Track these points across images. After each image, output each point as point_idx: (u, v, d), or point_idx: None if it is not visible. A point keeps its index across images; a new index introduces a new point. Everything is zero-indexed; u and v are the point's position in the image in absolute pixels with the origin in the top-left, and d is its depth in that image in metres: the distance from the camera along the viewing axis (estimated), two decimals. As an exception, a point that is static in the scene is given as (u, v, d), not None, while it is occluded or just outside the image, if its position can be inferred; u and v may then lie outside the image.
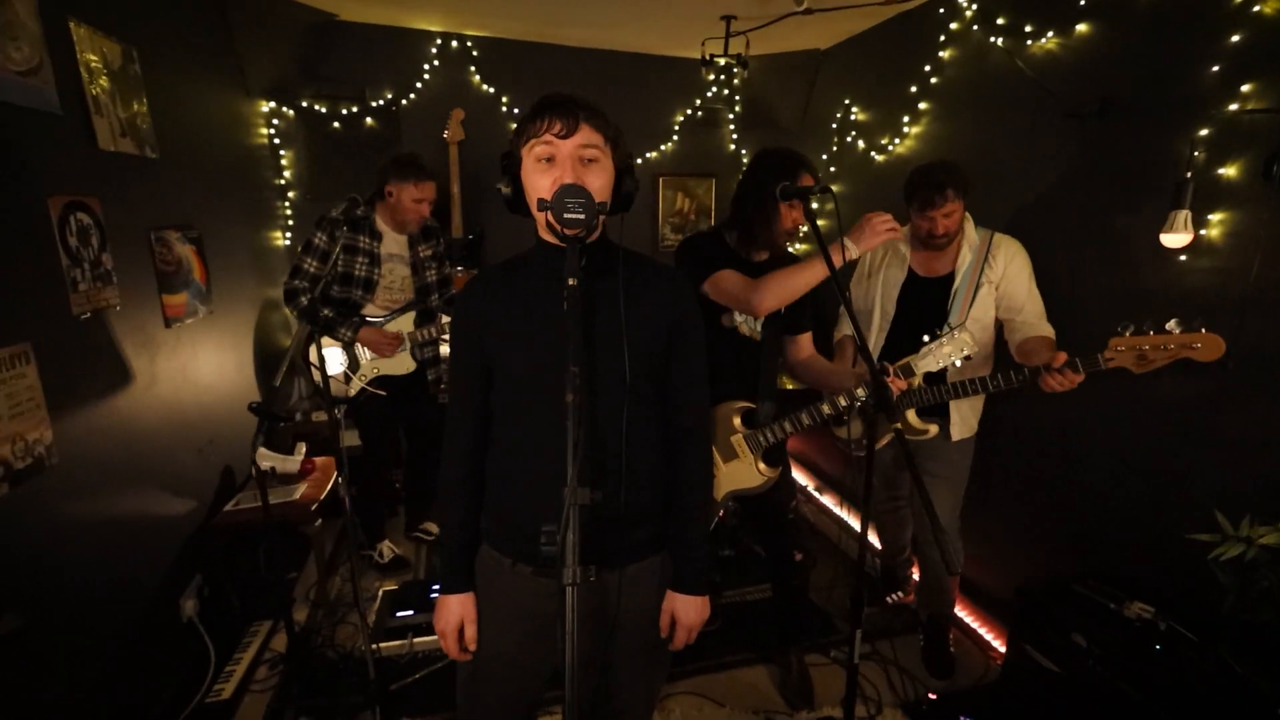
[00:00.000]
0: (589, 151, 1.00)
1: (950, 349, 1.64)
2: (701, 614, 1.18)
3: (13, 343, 1.45)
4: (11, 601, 1.41)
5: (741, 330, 1.88)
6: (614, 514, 1.08)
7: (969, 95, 2.55)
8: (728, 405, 1.86)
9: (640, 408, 1.10)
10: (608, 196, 1.04)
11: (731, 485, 1.89)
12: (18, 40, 1.51)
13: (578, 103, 1.02)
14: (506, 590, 1.15)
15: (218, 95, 2.71)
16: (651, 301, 1.11)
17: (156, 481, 2.04)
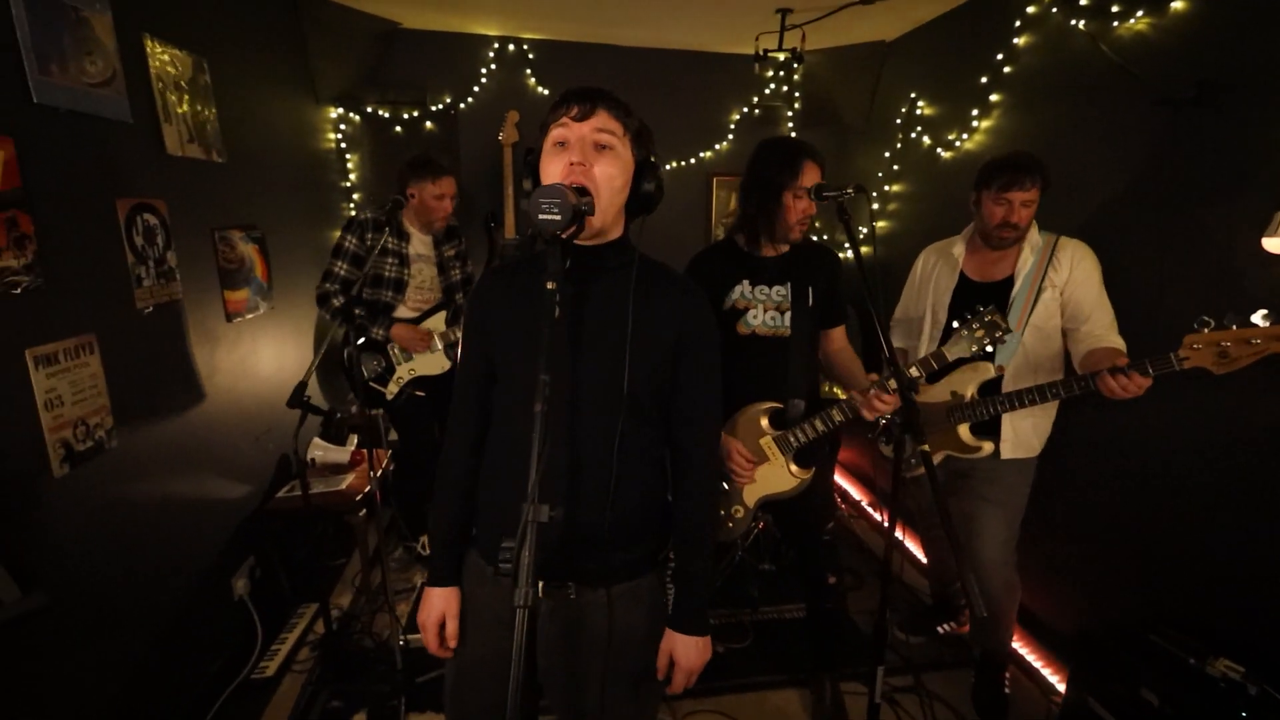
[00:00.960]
0: (603, 137, 0.97)
1: (983, 332, 1.53)
2: (703, 656, 1.09)
3: (78, 334, 1.56)
4: (66, 574, 1.53)
5: (761, 333, 1.80)
6: (600, 531, 1.03)
7: (1045, 85, 2.33)
8: (754, 407, 1.79)
9: (637, 421, 1.05)
10: (616, 190, 1.00)
11: (763, 490, 1.81)
12: (93, 55, 1.63)
13: (600, 91, 0.99)
14: (489, 598, 1.11)
15: (287, 102, 2.86)
16: (659, 309, 1.05)
17: (213, 467, 2.17)
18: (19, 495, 1.40)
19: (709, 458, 1.12)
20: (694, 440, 1.11)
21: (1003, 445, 1.90)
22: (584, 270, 1.05)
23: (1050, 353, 1.87)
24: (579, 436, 1.03)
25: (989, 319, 1.55)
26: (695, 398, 1.10)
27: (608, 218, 1.01)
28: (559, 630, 1.08)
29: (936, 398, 1.93)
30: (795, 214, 1.70)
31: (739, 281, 1.79)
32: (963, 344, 1.58)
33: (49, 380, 1.47)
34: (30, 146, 1.43)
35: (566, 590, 1.06)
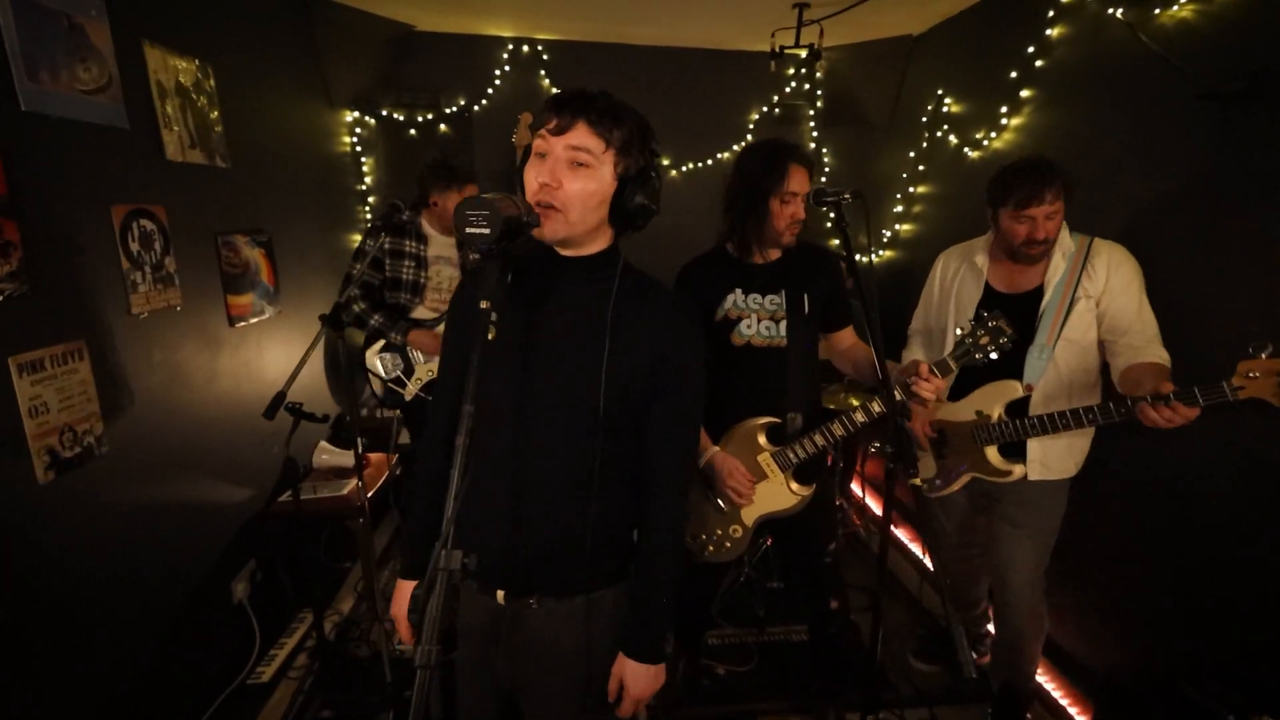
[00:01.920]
0: (578, 155, 0.94)
1: (987, 338, 1.43)
2: (653, 684, 1.06)
3: (66, 341, 1.57)
4: (55, 577, 1.53)
5: (756, 344, 1.71)
6: (569, 545, 1.02)
7: (1080, 79, 2.17)
8: (750, 422, 1.70)
9: (611, 437, 1.02)
10: (590, 208, 0.96)
11: (762, 509, 1.72)
12: (87, 62, 1.64)
13: (585, 101, 0.95)
14: (465, 609, 1.13)
15: (300, 106, 2.88)
16: (640, 327, 1.01)
17: (214, 471, 2.17)
18: (1, 502, 1.40)
19: (676, 482, 1.08)
20: (665, 463, 1.07)
21: (1030, 466, 1.76)
22: (565, 281, 1.04)
23: (1085, 369, 1.72)
24: (548, 452, 1.02)
25: (993, 324, 1.45)
26: (670, 419, 1.06)
27: (577, 231, 0.98)
28: (523, 641, 1.08)
29: (961, 417, 1.80)
30: (783, 220, 1.61)
31: (730, 291, 1.71)
32: (964, 349, 1.48)
33: (34, 387, 1.47)
34: (17, 154, 1.44)
35: (527, 601, 1.06)
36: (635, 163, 0.97)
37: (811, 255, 1.75)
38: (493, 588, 1.07)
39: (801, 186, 1.61)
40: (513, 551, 1.04)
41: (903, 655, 2.35)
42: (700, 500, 1.76)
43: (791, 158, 1.60)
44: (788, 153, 1.61)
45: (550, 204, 0.93)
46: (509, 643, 1.08)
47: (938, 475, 1.92)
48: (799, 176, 1.60)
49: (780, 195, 1.59)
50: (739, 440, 1.71)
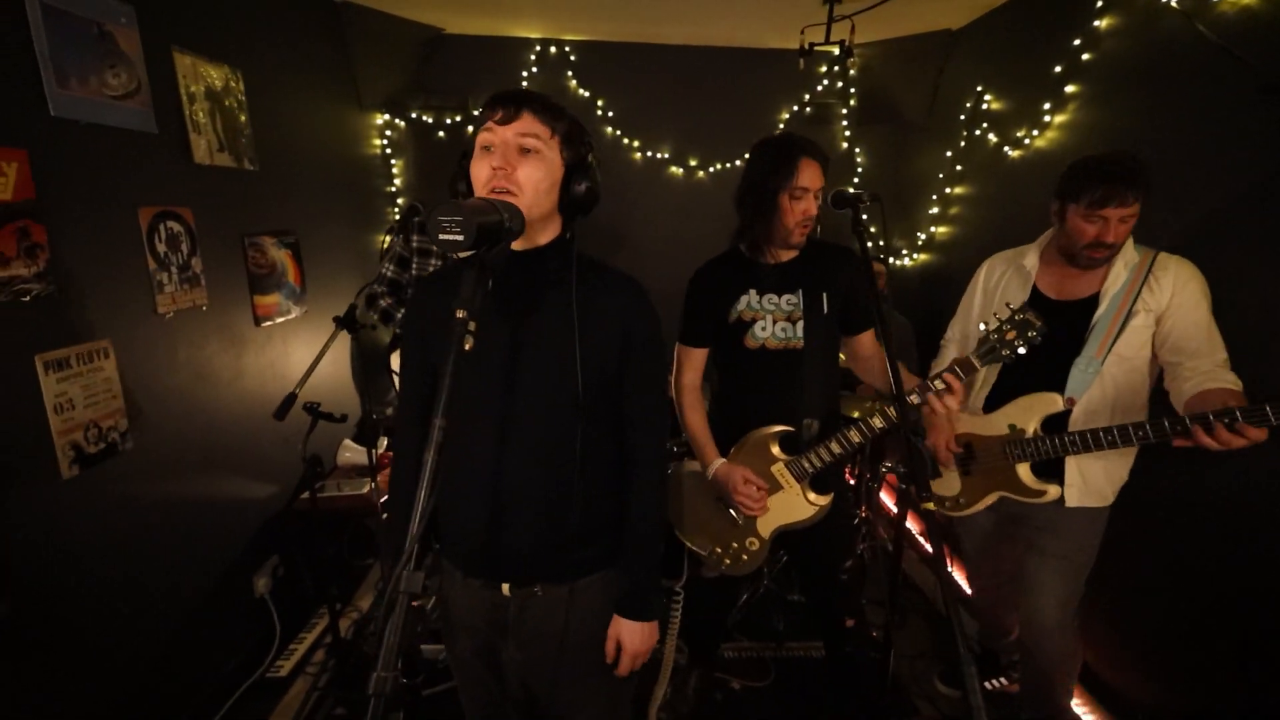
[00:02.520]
0: (527, 140, 0.97)
1: (1013, 333, 1.35)
2: (647, 641, 1.12)
3: (92, 339, 1.61)
4: (77, 568, 1.58)
5: (772, 346, 1.63)
6: (564, 534, 1.07)
7: (1130, 73, 2.04)
8: (761, 431, 1.64)
9: (592, 425, 1.06)
10: (541, 193, 1.00)
11: (779, 520, 1.65)
12: (116, 68, 1.68)
13: (527, 94, 1.00)
14: (458, 601, 1.15)
15: (330, 109, 2.92)
16: (602, 312, 1.05)
17: (237, 468, 2.22)
18: (24, 495, 1.45)
19: (656, 453, 1.14)
20: (641, 437, 1.12)
21: (1068, 491, 1.63)
22: (524, 275, 1.06)
23: (1134, 388, 1.58)
24: (534, 444, 1.04)
25: (1020, 317, 1.36)
26: (640, 395, 1.11)
27: (532, 216, 1.00)
28: (530, 629, 1.11)
29: (993, 430, 1.69)
30: (794, 216, 1.55)
31: (744, 291, 1.65)
32: (988, 345, 1.38)
33: (59, 384, 1.52)
34: (46, 158, 1.48)
35: (533, 590, 1.09)
36: (578, 153, 1.02)
37: (830, 253, 1.68)
38: (498, 582, 1.10)
39: (813, 181, 1.54)
40: (510, 545, 1.07)
41: (928, 678, 2.25)
42: (715, 513, 1.70)
43: (802, 152, 1.54)
44: (798, 147, 1.54)
45: (505, 189, 0.95)
46: (518, 632, 1.11)
47: (961, 493, 1.81)
48: (809, 171, 1.53)
49: (790, 191, 1.53)
50: (750, 450, 1.65)
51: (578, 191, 1.02)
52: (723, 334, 1.67)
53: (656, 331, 1.12)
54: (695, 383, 1.74)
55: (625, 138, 3.49)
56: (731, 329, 1.65)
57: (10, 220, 1.40)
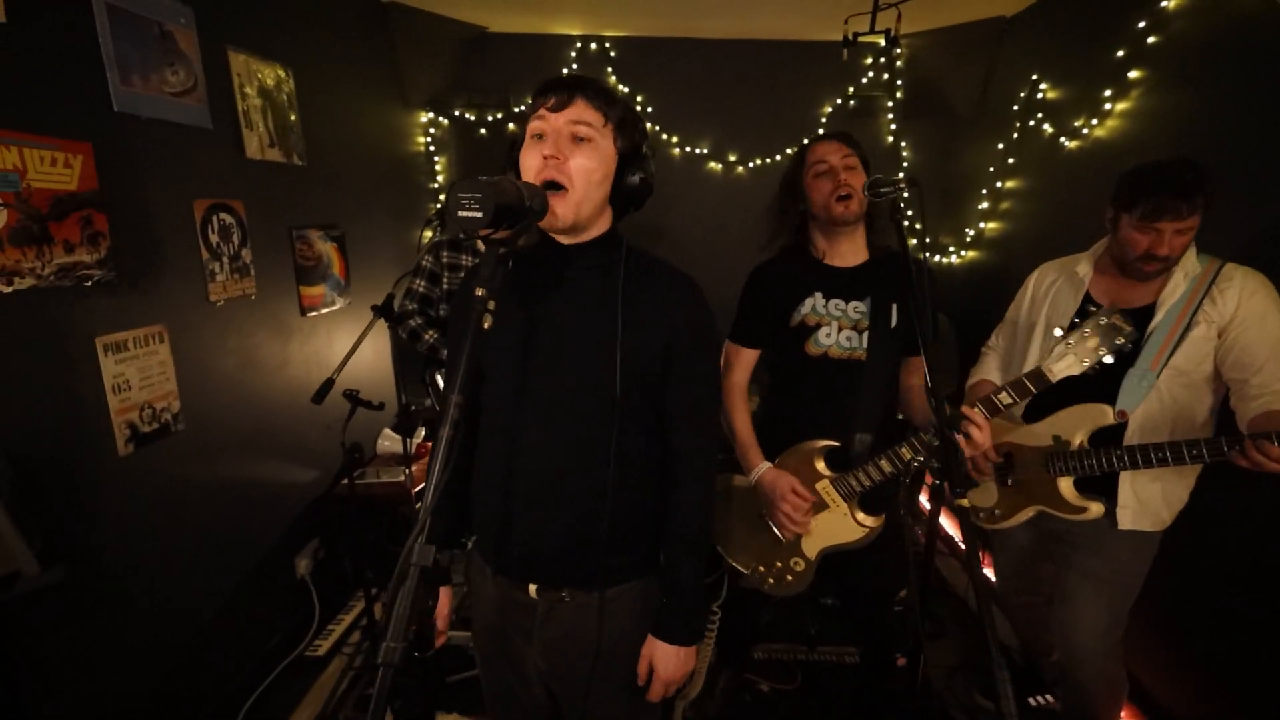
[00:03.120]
0: (580, 129, 0.93)
1: (1096, 340, 1.24)
2: (683, 667, 1.06)
3: (148, 324, 1.69)
4: (130, 542, 1.66)
5: (835, 355, 1.54)
6: (595, 536, 1.00)
7: (1201, 56, 1.91)
8: (807, 445, 1.54)
9: (630, 424, 1.01)
10: (594, 184, 0.95)
11: (825, 541, 1.55)
12: (175, 66, 1.77)
13: (580, 80, 0.95)
14: (488, 598, 1.13)
15: (376, 108, 3.01)
16: (649, 307, 1.00)
17: (281, 452, 2.30)
18: (84, 470, 1.53)
19: (703, 462, 1.07)
20: (687, 444, 1.06)
21: (1120, 513, 1.51)
22: (571, 269, 1.03)
23: (1193, 405, 1.47)
24: (569, 441, 1.01)
25: (1106, 321, 1.24)
26: (688, 400, 1.05)
27: (584, 212, 0.97)
28: (557, 634, 1.08)
29: (1036, 441, 1.59)
30: (820, 192, 1.50)
31: (810, 294, 1.56)
32: (1070, 358, 1.28)
33: (117, 366, 1.60)
34: (108, 151, 1.56)
35: (559, 594, 1.06)
36: (632, 141, 0.98)
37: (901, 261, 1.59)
38: (525, 582, 1.07)
39: (830, 154, 1.50)
40: (539, 545, 1.04)
41: (968, 691, 2.16)
42: (759, 530, 1.62)
43: (818, 139, 1.55)
44: (815, 138, 1.57)
45: (556, 181, 0.92)
46: (543, 636, 1.08)
47: (997, 504, 1.72)
48: (824, 147, 1.52)
49: (810, 170, 1.51)
50: (794, 464, 1.56)
51: (631, 183, 0.98)
52: (782, 337, 1.59)
53: (709, 332, 1.05)
54: (742, 383, 1.66)
55: (664, 133, 3.48)
56: (793, 333, 1.56)
57: (76, 209, 1.48)
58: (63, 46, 1.46)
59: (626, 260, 1.00)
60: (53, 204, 1.43)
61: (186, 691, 1.86)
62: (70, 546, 1.49)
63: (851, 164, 1.49)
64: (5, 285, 1.34)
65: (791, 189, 1.57)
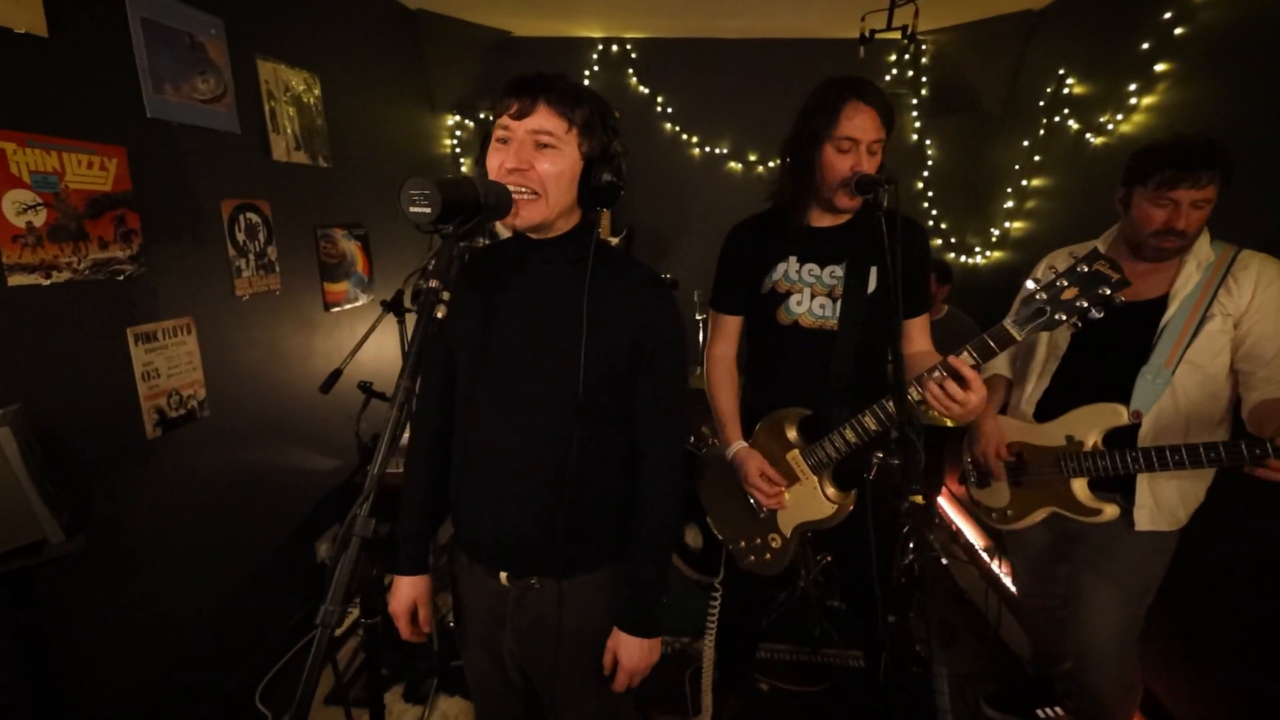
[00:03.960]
0: (542, 137, 0.95)
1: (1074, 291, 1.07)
2: (646, 658, 1.08)
3: (176, 316, 1.81)
4: (156, 520, 1.78)
5: (806, 324, 1.48)
6: (554, 527, 1.04)
7: (1230, 48, 1.84)
8: (781, 413, 1.51)
9: (593, 420, 1.03)
10: (562, 188, 0.97)
11: (799, 517, 1.51)
12: (205, 75, 1.88)
13: (544, 84, 0.95)
14: (469, 590, 1.17)
15: (403, 111, 3.12)
16: (616, 307, 1.02)
17: (303, 441, 2.41)
18: (114, 450, 1.65)
19: (667, 462, 1.08)
20: (651, 444, 1.08)
21: (1138, 513, 1.48)
22: (538, 264, 1.05)
23: (1208, 401, 1.42)
24: (533, 434, 1.04)
25: (1087, 269, 1.07)
26: (652, 401, 1.06)
27: (553, 214, 0.99)
28: (528, 620, 1.11)
29: (1049, 441, 1.56)
30: (836, 173, 1.35)
31: (783, 259, 1.48)
32: (1034, 307, 1.11)
33: (147, 355, 1.72)
34: (141, 155, 1.68)
35: (529, 581, 1.09)
36: (599, 142, 0.98)
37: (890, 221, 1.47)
38: (496, 569, 1.10)
39: (863, 132, 1.33)
40: (506, 534, 1.07)
41: (975, 700, 2.11)
42: (740, 503, 1.64)
43: (852, 94, 1.31)
44: (849, 88, 1.32)
45: (526, 188, 0.94)
46: (515, 622, 1.12)
47: (1010, 505, 1.69)
48: (860, 119, 1.32)
49: (834, 141, 1.33)
50: (768, 434, 1.54)
51: (598, 184, 0.98)
52: (754, 304, 1.53)
53: (676, 334, 1.06)
54: (727, 354, 1.62)
55: (684, 133, 3.50)
56: (764, 300, 1.50)
57: (110, 209, 1.60)
58: (99, 58, 1.58)
59: (596, 257, 1.00)
60: (89, 204, 1.55)
61: (212, 661, 1.98)
62: (100, 521, 1.61)
63: (875, 148, 1.36)
64: (44, 278, 1.46)
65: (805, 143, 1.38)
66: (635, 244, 3.63)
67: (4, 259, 1.38)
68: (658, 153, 3.54)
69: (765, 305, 1.51)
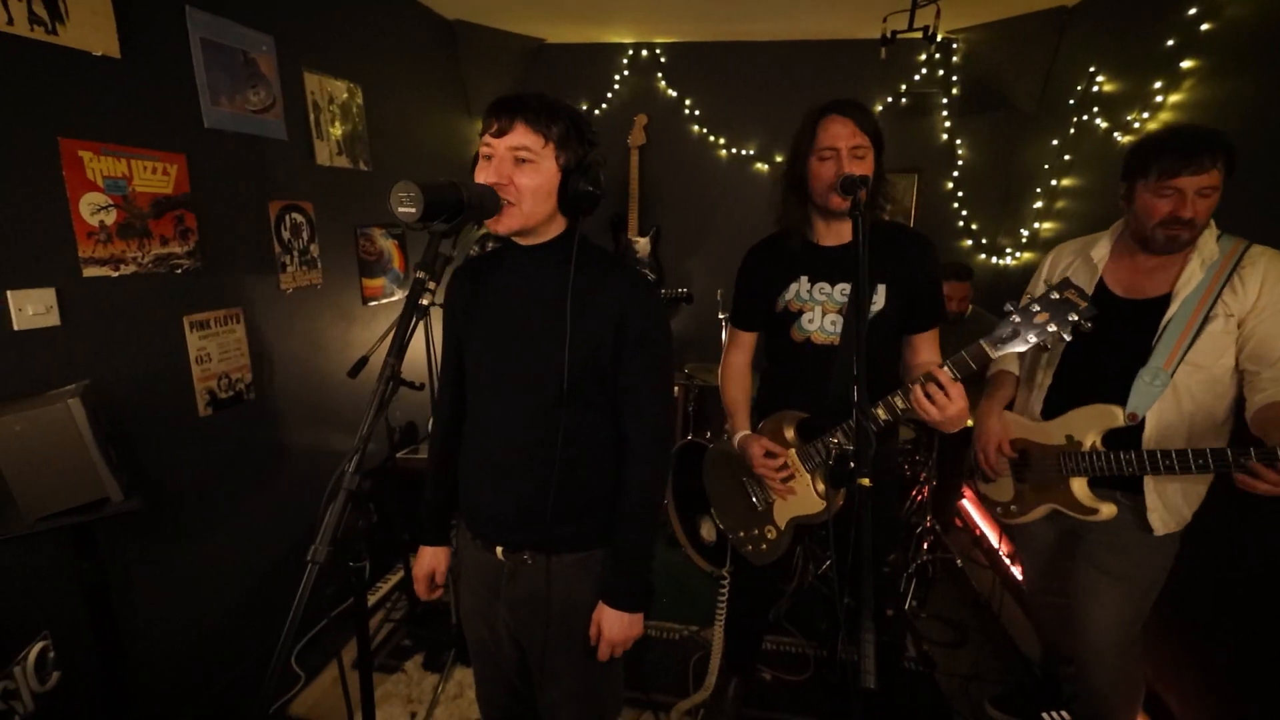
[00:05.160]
0: (521, 152, 1.04)
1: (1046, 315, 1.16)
2: (626, 631, 1.14)
3: (227, 307, 2.00)
4: (206, 490, 1.97)
5: (816, 340, 1.55)
6: (543, 507, 1.12)
7: (1258, 43, 1.79)
8: (779, 415, 1.60)
9: (580, 407, 1.12)
10: (540, 199, 1.06)
11: (792, 511, 1.60)
12: (257, 87, 2.07)
13: (521, 104, 1.04)
14: (472, 563, 1.26)
15: (441, 117, 3.29)
16: (599, 301, 1.10)
17: (341, 425, 2.60)
18: (171, 425, 1.84)
19: (651, 447, 1.15)
20: (634, 428, 1.15)
21: (1151, 517, 1.47)
22: (528, 267, 1.15)
23: (1211, 402, 1.41)
24: (526, 420, 1.13)
25: (1058, 296, 1.17)
26: (635, 388, 1.14)
27: (530, 222, 1.08)
28: (521, 595, 1.19)
29: (1049, 439, 1.57)
30: (823, 180, 1.43)
31: (795, 279, 1.56)
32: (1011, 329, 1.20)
33: (200, 341, 1.91)
34: (199, 161, 1.87)
35: (522, 557, 1.17)
36: (575, 154, 1.06)
37: (898, 239, 1.51)
38: (493, 545, 1.19)
39: (841, 139, 1.40)
40: (500, 511, 1.17)
41: (978, 700, 2.11)
42: (741, 494, 1.73)
43: (826, 110, 1.42)
44: (823, 107, 1.43)
45: (505, 199, 1.03)
46: (509, 596, 1.20)
47: (1014, 500, 1.71)
48: (835, 128, 1.40)
49: (817, 153, 1.42)
50: (768, 433, 1.63)
51: (575, 193, 1.06)
52: (769, 321, 1.63)
53: (656, 327, 1.12)
54: (740, 362, 1.73)
55: (711, 135, 3.56)
56: (778, 318, 1.59)
57: (171, 209, 1.79)
58: (164, 75, 1.77)
59: (580, 259, 1.09)
60: (152, 205, 1.74)
61: (253, 622, 2.17)
62: (156, 486, 1.80)
63: (860, 152, 1.42)
64: (113, 271, 1.65)
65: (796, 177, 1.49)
66: (662, 243, 3.71)
67: (80, 253, 1.58)
68: (686, 154, 3.61)
69: (780, 323, 1.59)
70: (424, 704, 2.04)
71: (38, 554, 1.51)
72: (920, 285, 1.50)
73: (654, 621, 2.46)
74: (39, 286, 1.50)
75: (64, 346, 1.56)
